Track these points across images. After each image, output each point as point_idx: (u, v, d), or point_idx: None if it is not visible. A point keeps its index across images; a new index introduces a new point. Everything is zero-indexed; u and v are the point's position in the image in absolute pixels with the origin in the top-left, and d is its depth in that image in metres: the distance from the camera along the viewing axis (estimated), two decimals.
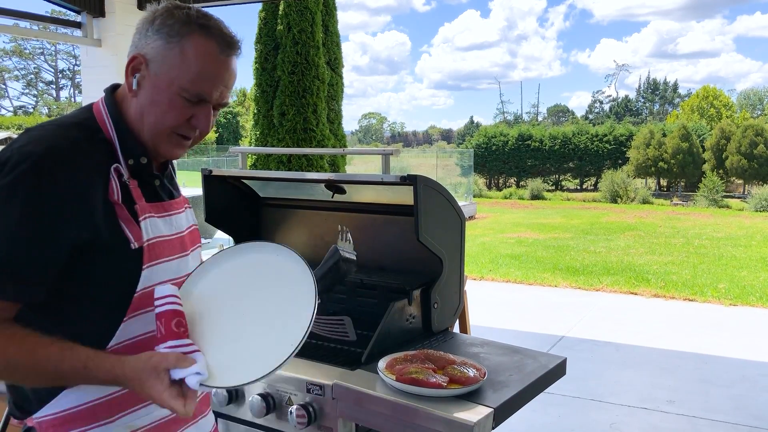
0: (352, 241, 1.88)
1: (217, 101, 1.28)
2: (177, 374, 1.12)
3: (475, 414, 1.49)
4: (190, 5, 1.28)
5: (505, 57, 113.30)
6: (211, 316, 1.28)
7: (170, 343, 1.17)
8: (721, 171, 24.50)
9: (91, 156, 1.21)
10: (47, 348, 1.13)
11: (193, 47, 1.23)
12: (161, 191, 1.36)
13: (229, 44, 1.26)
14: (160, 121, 1.26)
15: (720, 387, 4.65)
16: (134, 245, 1.25)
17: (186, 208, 1.46)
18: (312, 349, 2.01)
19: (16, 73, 50.46)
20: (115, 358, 1.16)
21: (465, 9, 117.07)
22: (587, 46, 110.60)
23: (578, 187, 30.18)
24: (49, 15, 7.44)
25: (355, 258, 1.84)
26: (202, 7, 1.33)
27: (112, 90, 1.33)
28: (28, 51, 49.51)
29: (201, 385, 1.14)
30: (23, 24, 6.61)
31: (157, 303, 1.21)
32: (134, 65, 1.26)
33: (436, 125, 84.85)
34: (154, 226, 1.30)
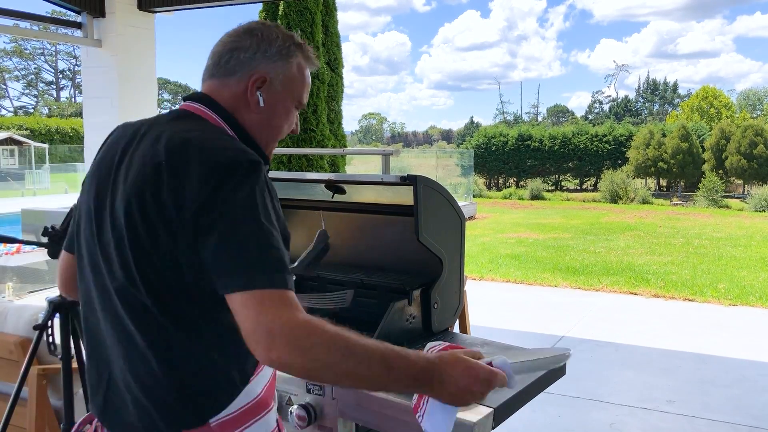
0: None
1: None
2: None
3: (475, 414, 1.49)
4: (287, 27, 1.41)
5: (505, 57, 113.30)
6: None
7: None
8: (720, 171, 24.51)
9: None
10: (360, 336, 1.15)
11: (301, 64, 1.42)
12: None
13: (312, 59, 1.46)
14: (281, 130, 1.43)
15: (720, 387, 4.66)
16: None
17: None
18: None
19: (16, 73, 50.50)
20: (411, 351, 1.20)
21: (465, 9, 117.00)
22: (587, 46, 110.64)
23: (578, 188, 30.19)
24: (49, 15, 7.44)
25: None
26: (203, 7, 1.36)
27: (213, 101, 1.36)
28: (28, 51, 49.53)
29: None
30: (23, 24, 6.62)
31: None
32: (258, 83, 1.36)
33: (436, 125, 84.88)
34: None
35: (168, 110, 1.44)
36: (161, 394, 1.21)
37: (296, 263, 1.98)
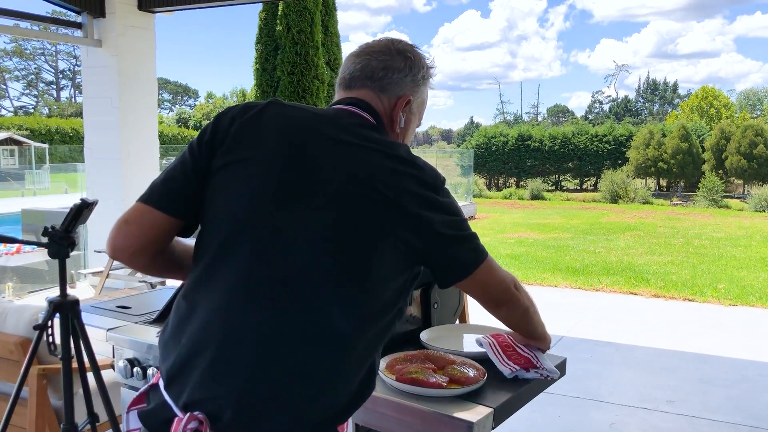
0: None
1: None
2: None
3: (475, 414, 1.50)
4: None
5: (506, 57, 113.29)
6: None
7: None
8: (720, 171, 24.50)
9: None
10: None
11: (428, 88, 1.52)
12: None
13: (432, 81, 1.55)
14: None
15: (720, 387, 4.66)
16: None
17: None
18: None
19: (16, 73, 50.50)
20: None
21: (465, 9, 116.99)
22: (587, 46, 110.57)
23: (578, 188, 30.18)
24: (49, 15, 7.44)
25: None
26: (203, 7, 1.36)
27: (376, 113, 1.42)
28: (28, 51, 49.54)
29: None
30: (24, 24, 6.62)
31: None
32: (405, 104, 1.45)
33: (436, 125, 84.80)
34: None
35: (329, 106, 1.46)
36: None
37: None
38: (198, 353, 1.22)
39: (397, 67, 1.42)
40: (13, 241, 2.45)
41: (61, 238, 2.25)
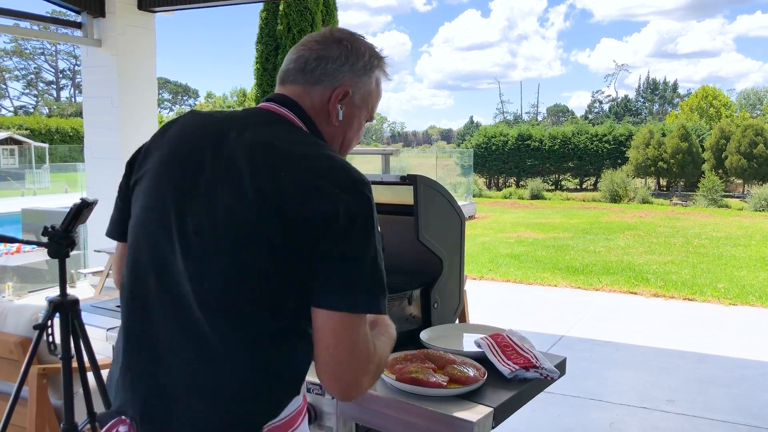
0: None
1: None
2: None
3: (475, 413, 1.50)
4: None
5: (506, 57, 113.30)
6: None
7: None
8: (720, 171, 24.50)
9: None
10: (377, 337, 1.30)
11: (379, 78, 1.43)
12: None
13: (387, 73, 1.47)
14: (351, 143, 1.43)
15: (720, 387, 4.66)
16: None
17: None
18: None
19: (16, 73, 50.49)
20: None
21: (465, 9, 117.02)
22: (587, 45, 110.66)
23: (578, 187, 30.17)
24: (49, 15, 7.44)
25: None
26: (203, 7, 1.36)
27: (298, 106, 1.34)
28: (28, 51, 49.52)
29: None
30: (24, 24, 6.62)
31: None
32: (342, 96, 1.34)
33: (436, 125, 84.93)
34: None
35: (248, 107, 1.43)
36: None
37: None
38: (115, 361, 1.31)
39: (331, 56, 1.34)
40: (13, 240, 2.45)
41: (61, 237, 2.25)
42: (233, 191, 1.16)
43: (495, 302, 7.36)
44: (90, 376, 2.37)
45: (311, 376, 1.73)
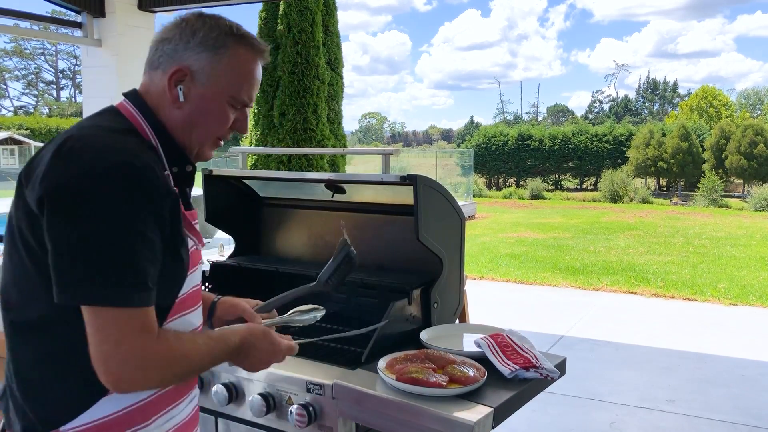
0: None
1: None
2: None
3: (475, 413, 1.50)
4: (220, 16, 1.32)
5: (506, 57, 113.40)
6: None
7: None
8: (720, 171, 24.50)
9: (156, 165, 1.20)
10: (198, 338, 1.26)
11: (239, 57, 1.28)
12: (187, 199, 1.38)
13: (262, 50, 1.33)
14: (211, 130, 1.31)
15: (720, 387, 4.66)
16: (200, 246, 1.32)
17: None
18: (312, 348, 2.01)
19: (16, 73, 50.47)
20: (228, 331, 1.34)
21: (465, 8, 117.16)
22: (587, 45, 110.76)
23: (578, 187, 30.18)
24: (49, 15, 7.44)
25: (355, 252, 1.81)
26: (203, 7, 1.35)
27: (137, 96, 1.30)
28: (28, 51, 49.51)
29: None
30: (23, 24, 6.62)
31: None
32: (177, 77, 1.25)
33: (436, 125, 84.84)
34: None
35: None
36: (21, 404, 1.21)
37: (317, 279, 1.77)
38: None
39: (167, 38, 1.26)
40: None
41: None
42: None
43: (495, 302, 7.36)
44: None
45: (310, 376, 1.73)
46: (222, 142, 1.37)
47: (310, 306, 1.74)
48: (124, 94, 1.31)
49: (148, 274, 1.11)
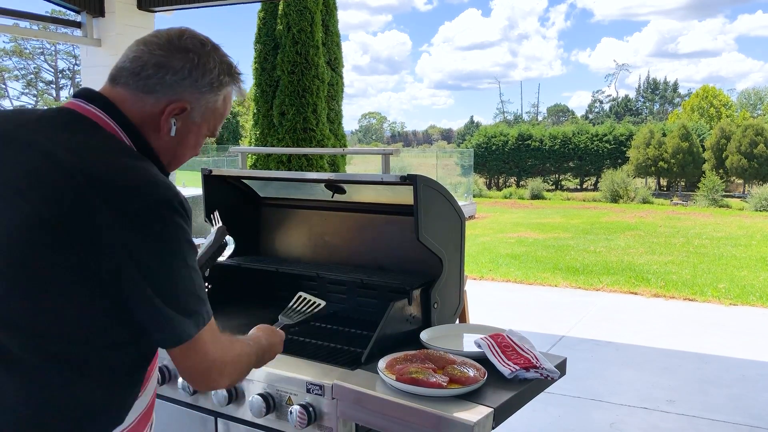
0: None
1: None
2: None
3: (475, 414, 1.49)
4: (225, 55, 1.31)
5: (506, 56, 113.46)
6: None
7: None
8: (721, 171, 24.51)
9: None
10: (243, 341, 1.41)
11: (228, 97, 1.31)
12: None
13: (243, 90, 1.36)
14: (186, 158, 1.34)
15: (720, 387, 4.65)
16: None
17: None
18: (312, 348, 2.01)
19: (16, 72, 50.45)
20: (257, 334, 1.54)
21: (466, 8, 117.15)
22: (588, 45, 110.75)
23: (578, 187, 30.19)
24: (49, 15, 7.43)
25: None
26: (203, 7, 1.35)
27: (113, 107, 1.21)
28: (28, 51, 49.50)
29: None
30: (23, 24, 6.61)
31: None
32: (177, 111, 1.23)
33: (436, 125, 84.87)
34: None
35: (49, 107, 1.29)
36: None
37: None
38: None
39: (173, 67, 1.20)
40: None
41: None
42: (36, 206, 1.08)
43: (495, 302, 7.36)
44: None
45: (310, 376, 1.73)
46: None
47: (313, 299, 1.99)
48: (88, 99, 1.20)
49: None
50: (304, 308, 1.91)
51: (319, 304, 1.92)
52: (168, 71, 1.20)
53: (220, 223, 2.19)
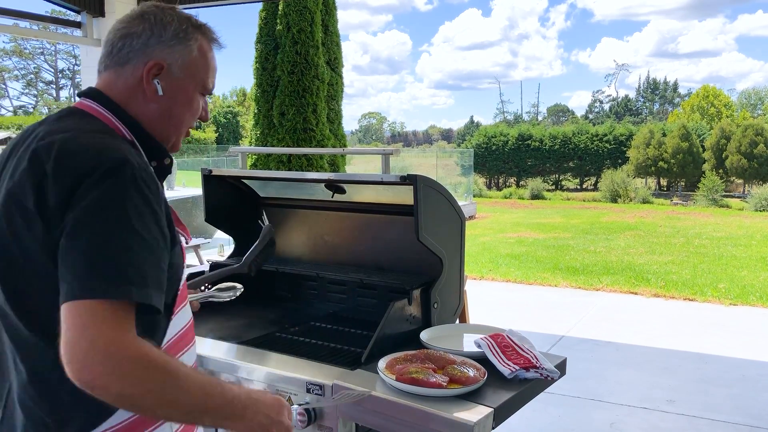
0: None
1: None
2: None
3: (475, 414, 1.49)
4: (176, 5, 1.35)
5: (506, 56, 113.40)
6: None
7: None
8: (721, 171, 24.51)
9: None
10: (193, 370, 1.13)
11: (203, 47, 1.33)
12: None
13: (216, 39, 1.39)
14: (186, 120, 1.35)
15: (720, 387, 4.65)
16: (189, 241, 1.34)
17: None
18: (312, 348, 2.01)
19: (16, 72, 50.45)
20: (232, 383, 1.30)
21: (466, 8, 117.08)
22: (588, 45, 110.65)
23: (578, 187, 30.19)
24: (49, 15, 7.43)
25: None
26: (203, 7, 1.36)
27: (100, 94, 1.28)
28: (28, 51, 49.50)
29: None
30: (23, 24, 6.61)
31: None
32: (154, 71, 1.27)
33: (436, 125, 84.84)
34: None
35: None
36: (40, 414, 1.16)
37: (243, 260, 2.09)
38: None
39: (135, 32, 1.26)
40: None
41: None
42: (9, 191, 1.15)
43: (495, 302, 7.36)
44: None
45: (310, 376, 1.73)
46: (189, 133, 1.41)
47: (229, 284, 2.07)
48: (82, 94, 1.28)
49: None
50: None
51: (235, 294, 2.03)
52: (132, 38, 1.26)
53: (267, 222, 2.17)
